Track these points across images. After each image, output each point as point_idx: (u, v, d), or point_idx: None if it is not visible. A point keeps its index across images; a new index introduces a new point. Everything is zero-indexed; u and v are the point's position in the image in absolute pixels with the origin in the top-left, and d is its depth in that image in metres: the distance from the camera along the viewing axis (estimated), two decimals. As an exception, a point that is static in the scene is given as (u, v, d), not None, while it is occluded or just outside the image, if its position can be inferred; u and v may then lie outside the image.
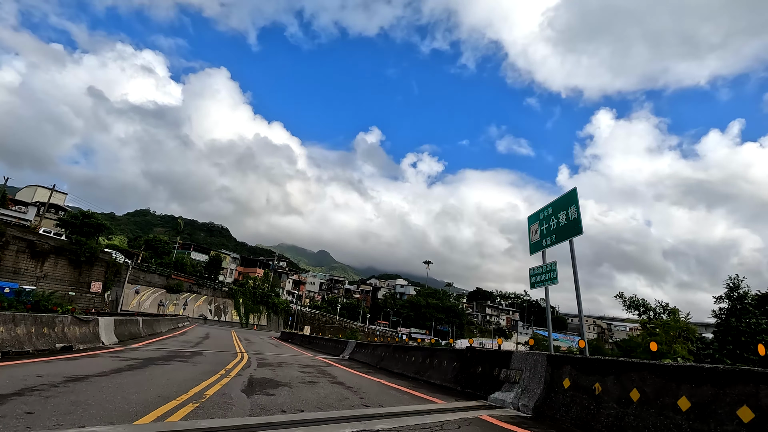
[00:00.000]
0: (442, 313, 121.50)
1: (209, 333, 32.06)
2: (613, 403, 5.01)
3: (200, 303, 61.90)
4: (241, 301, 68.18)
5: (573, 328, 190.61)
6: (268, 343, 28.00)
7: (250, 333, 45.02)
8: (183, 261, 67.21)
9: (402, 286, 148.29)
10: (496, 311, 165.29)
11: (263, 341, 29.33)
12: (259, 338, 34.33)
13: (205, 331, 34.42)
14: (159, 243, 66.25)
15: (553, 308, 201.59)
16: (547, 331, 11.66)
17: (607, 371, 5.33)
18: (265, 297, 72.29)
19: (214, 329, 41.72)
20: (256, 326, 69.06)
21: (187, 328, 34.97)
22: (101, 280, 51.57)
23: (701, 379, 4.31)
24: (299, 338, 32.69)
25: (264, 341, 29.50)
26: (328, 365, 13.67)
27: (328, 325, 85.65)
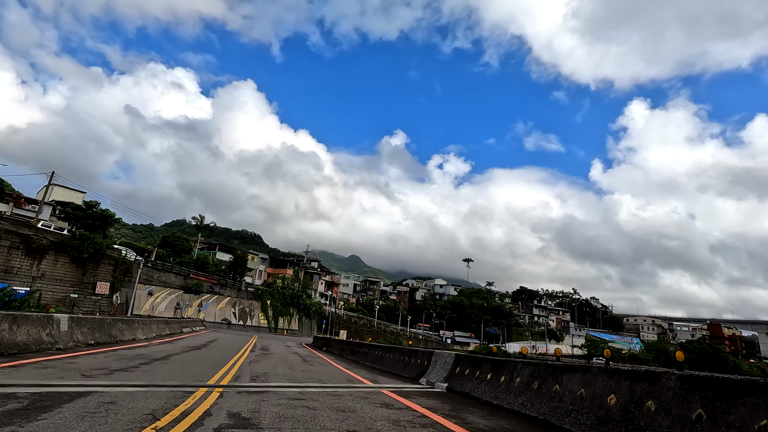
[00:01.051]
0: (488, 314, 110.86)
1: (217, 339, 24.06)
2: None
3: (223, 305, 54.77)
4: (269, 303, 60.74)
5: (630, 328, 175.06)
6: (293, 353, 19.60)
7: (276, 339, 36.91)
8: (205, 260, 60.51)
9: (441, 286, 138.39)
10: (545, 311, 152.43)
11: (287, 351, 20.97)
12: (283, 346, 26.01)
13: (216, 336, 26.48)
14: (178, 240, 59.90)
15: (606, 308, 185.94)
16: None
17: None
18: (296, 298, 64.63)
19: (232, 335, 33.88)
20: (286, 331, 61.41)
21: (194, 334, 27.19)
22: (109, 280, 45.01)
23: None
24: (337, 345, 24.15)
25: (288, 351, 21.13)
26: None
27: (366, 328, 77.18)
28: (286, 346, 25.95)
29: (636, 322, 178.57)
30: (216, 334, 30.48)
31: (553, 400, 6.45)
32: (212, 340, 23.34)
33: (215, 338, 25.25)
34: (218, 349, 17.43)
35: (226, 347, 18.88)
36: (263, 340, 32.03)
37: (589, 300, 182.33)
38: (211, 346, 18.79)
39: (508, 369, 7.87)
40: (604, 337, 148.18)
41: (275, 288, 63.18)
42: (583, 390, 6.09)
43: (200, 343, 19.50)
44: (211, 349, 16.84)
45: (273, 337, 40.76)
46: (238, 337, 30.08)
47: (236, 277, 62.28)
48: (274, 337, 40.85)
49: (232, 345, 21.01)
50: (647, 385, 5.14)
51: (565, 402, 6.23)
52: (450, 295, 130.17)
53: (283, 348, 23.62)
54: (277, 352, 18.80)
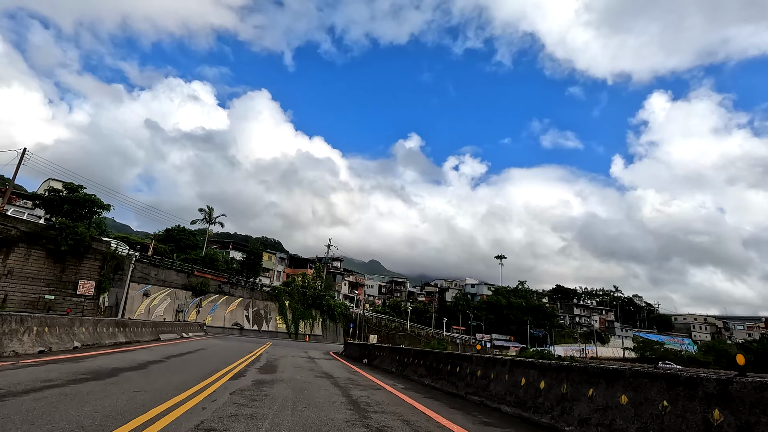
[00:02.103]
0: (528, 315, 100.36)
1: (204, 349, 15.62)
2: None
3: (233, 308, 46.69)
4: (288, 304, 52.46)
5: (680, 328, 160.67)
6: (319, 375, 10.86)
7: (295, 347, 28.29)
8: (214, 256, 52.70)
9: (473, 286, 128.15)
10: (586, 311, 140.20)
11: (308, 369, 12.34)
12: (303, 357, 17.37)
13: (206, 345, 18.03)
14: (183, 234, 52.37)
15: (651, 306, 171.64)
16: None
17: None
18: (319, 298, 56.19)
19: (236, 342, 25.42)
20: (308, 337, 52.99)
21: (177, 341, 18.79)
22: (94, 278, 37.38)
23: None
24: (392, 356, 15.27)
25: (311, 369, 12.48)
26: None
27: (398, 332, 68.23)
28: (308, 358, 17.31)
29: (686, 321, 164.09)
30: (212, 342, 22.01)
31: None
32: (192, 350, 14.82)
33: (201, 348, 16.76)
34: (178, 369, 8.82)
35: (197, 365, 10.26)
36: (277, 348, 23.44)
37: (632, 298, 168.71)
38: (172, 362, 10.18)
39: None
40: (653, 337, 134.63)
41: (294, 287, 54.90)
42: None
43: (159, 357, 10.97)
44: (164, 369, 8.23)
45: (292, 345, 32.15)
46: (243, 346, 21.58)
47: (250, 276, 54.26)
48: (293, 345, 32.23)
49: (217, 359, 12.43)
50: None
51: None
52: (484, 295, 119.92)
53: (303, 361, 14.94)
54: (290, 374, 10.07)
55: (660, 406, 4.00)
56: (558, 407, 5.41)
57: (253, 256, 57.38)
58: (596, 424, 4.65)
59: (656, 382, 4.19)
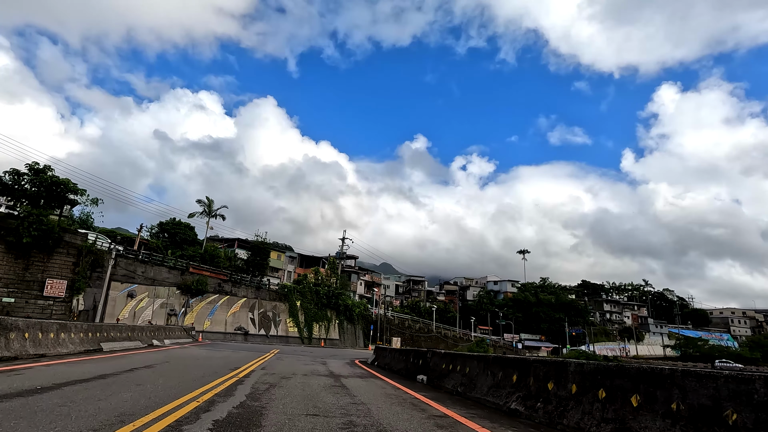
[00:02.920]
0: (560, 312, 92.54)
1: (156, 365, 8.80)
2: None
3: (236, 309, 40.22)
4: (300, 304, 45.86)
5: (717, 322, 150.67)
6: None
7: (307, 356, 21.48)
8: (214, 252, 46.45)
9: (495, 283, 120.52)
10: (617, 307, 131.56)
11: (341, 413, 5.24)
12: (318, 377, 10.53)
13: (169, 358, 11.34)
14: (179, 228, 46.17)
15: (684, 300, 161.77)
16: None
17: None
18: (334, 298, 49.48)
19: (229, 351, 18.72)
20: (324, 341, 46.32)
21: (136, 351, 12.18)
22: (67, 277, 31.17)
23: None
24: (477, 373, 8.32)
25: (348, 427, 5.40)
26: None
27: (422, 334, 61.22)
28: (328, 374, 10.60)
29: (722, 315, 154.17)
30: (187, 354, 15.31)
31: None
32: (119, 371, 8.11)
33: (152, 364, 10.11)
34: None
35: (78, 409, 3.41)
36: (284, 358, 16.71)
37: (663, 292, 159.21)
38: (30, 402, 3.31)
39: None
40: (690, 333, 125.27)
41: (306, 285, 48.29)
42: None
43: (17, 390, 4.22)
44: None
45: (305, 353, 25.38)
46: (232, 358, 14.93)
47: (255, 273, 47.79)
48: (306, 353, 25.46)
49: (146, 391, 5.58)
50: None
51: None
52: (508, 292, 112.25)
53: (321, 384, 8.21)
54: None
55: None
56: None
57: (259, 253, 50.92)
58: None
59: None
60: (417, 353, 12.60)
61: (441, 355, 10.60)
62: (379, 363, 16.81)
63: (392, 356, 15.73)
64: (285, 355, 18.94)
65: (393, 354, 15.83)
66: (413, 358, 12.67)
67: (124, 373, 8.04)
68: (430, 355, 11.35)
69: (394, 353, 15.63)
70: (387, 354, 16.85)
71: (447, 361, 10.01)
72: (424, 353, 11.94)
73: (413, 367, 12.24)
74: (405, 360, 13.51)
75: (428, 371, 10.90)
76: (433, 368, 10.73)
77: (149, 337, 17.07)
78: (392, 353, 16.04)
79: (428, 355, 11.44)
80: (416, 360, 12.27)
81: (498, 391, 7.00)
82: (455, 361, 9.49)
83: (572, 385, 5.31)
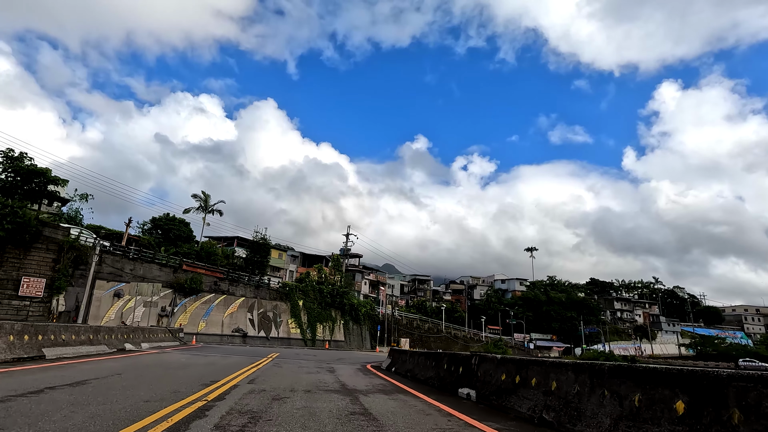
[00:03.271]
0: (571, 311, 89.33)
1: (100, 378, 5.82)
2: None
3: (234, 309, 37.34)
4: (302, 304, 42.95)
5: (731, 320, 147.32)
6: None
7: (313, 360, 18.50)
8: (211, 249, 43.63)
9: (503, 281, 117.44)
10: (629, 305, 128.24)
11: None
12: (326, 393, 7.44)
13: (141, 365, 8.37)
14: (173, 224, 43.31)
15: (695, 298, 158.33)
16: None
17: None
18: (338, 296, 46.53)
19: (216, 357, 15.75)
20: (328, 343, 43.41)
21: (90, 360, 9.27)
22: (46, 275, 28.36)
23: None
24: (528, 389, 5.42)
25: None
26: None
27: (432, 334, 58.22)
28: (340, 389, 7.69)
29: (735, 312, 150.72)
30: (158, 360, 12.42)
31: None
32: (42, 389, 5.12)
33: (107, 375, 7.10)
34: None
35: None
36: (282, 364, 13.81)
37: (674, 289, 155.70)
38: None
39: None
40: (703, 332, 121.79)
41: (309, 283, 45.36)
42: None
43: None
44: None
45: (308, 356, 22.48)
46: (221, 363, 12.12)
47: (255, 272, 44.90)
48: (309, 356, 22.56)
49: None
50: None
51: None
52: (516, 291, 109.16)
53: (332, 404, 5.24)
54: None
55: None
56: None
57: (258, 250, 48.00)
58: None
59: None
60: (454, 359, 9.64)
61: (497, 363, 7.63)
62: (398, 369, 13.87)
63: (415, 361, 12.78)
64: (284, 360, 16.03)
65: (416, 358, 12.87)
66: (449, 364, 9.71)
67: (18, 398, 5.11)
68: (477, 361, 8.38)
69: (418, 357, 12.67)
70: (407, 358, 13.90)
71: (510, 371, 7.04)
72: (466, 359, 8.98)
73: (450, 376, 9.30)
74: (436, 367, 10.55)
75: (475, 383, 7.95)
76: (484, 380, 7.77)
77: (121, 340, 14.20)
78: (415, 357, 13.08)
79: (473, 362, 8.48)
80: (453, 367, 9.32)
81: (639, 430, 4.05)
82: (527, 371, 6.54)
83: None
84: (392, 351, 16.78)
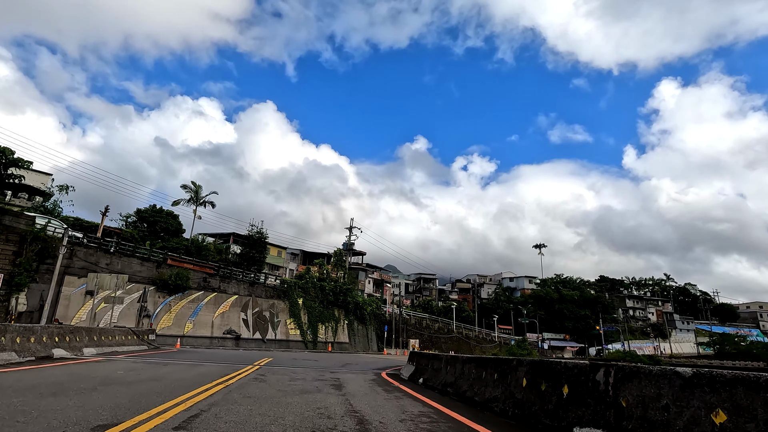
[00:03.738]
0: (585, 309, 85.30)
1: None
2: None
3: (225, 309, 33.49)
4: (302, 302, 39.10)
5: (745, 317, 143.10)
6: None
7: (312, 369, 14.48)
8: (201, 244, 39.82)
9: (511, 279, 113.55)
10: (641, 303, 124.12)
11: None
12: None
13: None
14: (160, 216, 39.52)
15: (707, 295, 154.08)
16: None
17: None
18: (342, 294, 42.64)
19: (182, 366, 11.80)
20: (331, 345, 39.55)
21: None
22: (5, 270, 24.56)
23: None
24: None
25: None
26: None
27: (442, 335, 54.29)
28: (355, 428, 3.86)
29: (749, 309, 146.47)
30: (97, 371, 8.57)
31: None
32: None
33: None
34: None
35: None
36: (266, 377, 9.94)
37: (686, 287, 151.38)
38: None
39: None
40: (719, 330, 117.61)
41: (309, 280, 41.48)
42: None
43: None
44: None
45: (307, 362, 18.59)
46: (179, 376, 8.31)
47: (250, 267, 41.04)
48: (308, 362, 18.66)
49: None
50: None
51: None
52: (525, 289, 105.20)
53: None
54: None
55: None
56: None
57: (254, 245, 44.13)
58: None
59: None
60: (544, 370, 5.73)
61: (679, 383, 3.74)
62: (430, 381, 9.97)
63: (457, 370, 8.88)
64: (275, 369, 12.18)
65: (458, 367, 8.95)
66: (534, 378, 5.81)
67: None
68: (616, 377, 4.50)
69: (463, 365, 8.74)
70: (441, 366, 9.99)
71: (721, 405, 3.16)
72: (577, 372, 5.08)
73: (541, 401, 5.42)
74: (501, 381, 6.67)
75: (613, 419, 4.09)
76: (642, 416, 3.90)
77: (47, 344, 10.37)
78: (455, 365, 9.16)
79: (603, 378, 4.60)
80: (546, 385, 5.44)
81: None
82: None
83: None
84: (414, 355, 12.89)
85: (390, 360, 25.99)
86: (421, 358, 11.97)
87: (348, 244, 52.91)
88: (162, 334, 29.22)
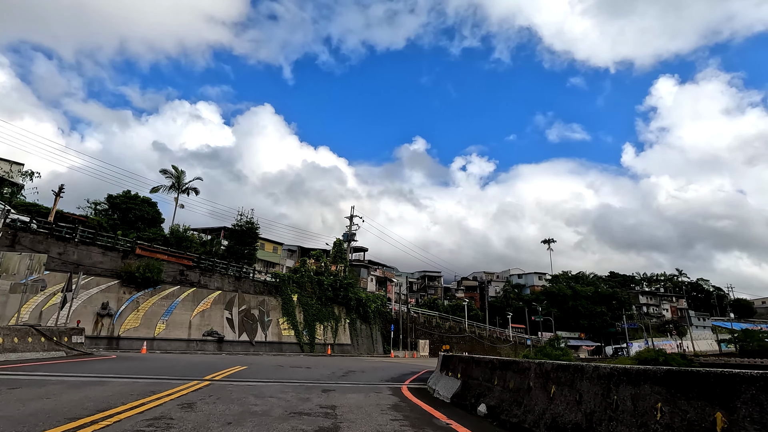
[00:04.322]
0: (601, 305, 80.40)
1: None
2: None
3: (206, 306, 28.66)
4: (296, 298, 34.29)
5: (763, 313, 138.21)
6: None
7: (296, 381, 9.69)
8: (183, 235, 35.00)
9: (519, 276, 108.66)
10: (655, 299, 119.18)
11: None
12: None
13: None
14: (134, 204, 34.74)
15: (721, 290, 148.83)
16: None
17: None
18: (342, 289, 37.79)
19: (93, 386, 6.88)
20: (331, 347, 34.72)
21: None
22: None
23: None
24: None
25: None
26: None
27: (454, 334, 49.44)
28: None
29: (765, 305, 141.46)
30: None
31: None
32: None
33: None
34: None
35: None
36: (217, 399, 5.14)
37: (699, 282, 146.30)
38: None
39: None
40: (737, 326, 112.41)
41: (305, 273, 36.65)
42: None
43: None
44: None
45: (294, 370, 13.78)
46: (50, 407, 3.25)
47: (239, 262, 36.18)
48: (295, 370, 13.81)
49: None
50: None
51: None
52: (535, 286, 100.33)
53: None
54: None
55: None
56: None
57: (243, 237, 39.21)
58: None
59: None
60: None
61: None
62: (511, 414, 5.19)
63: (592, 401, 4.14)
64: (235, 385, 7.45)
65: (594, 390, 4.19)
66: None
67: None
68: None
69: (611, 389, 3.97)
70: (531, 385, 5.21)
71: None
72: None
73: None
74: None
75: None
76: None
77: None
78: (582, 385, 4.38)
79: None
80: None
81: None
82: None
83: None
84: (454, 362, 8.05)
85: (401, 364, 21.25)
86: (473, 366, 7.10)
87: (348, 234, 48.04)
88: (127, 337, 24.42)
